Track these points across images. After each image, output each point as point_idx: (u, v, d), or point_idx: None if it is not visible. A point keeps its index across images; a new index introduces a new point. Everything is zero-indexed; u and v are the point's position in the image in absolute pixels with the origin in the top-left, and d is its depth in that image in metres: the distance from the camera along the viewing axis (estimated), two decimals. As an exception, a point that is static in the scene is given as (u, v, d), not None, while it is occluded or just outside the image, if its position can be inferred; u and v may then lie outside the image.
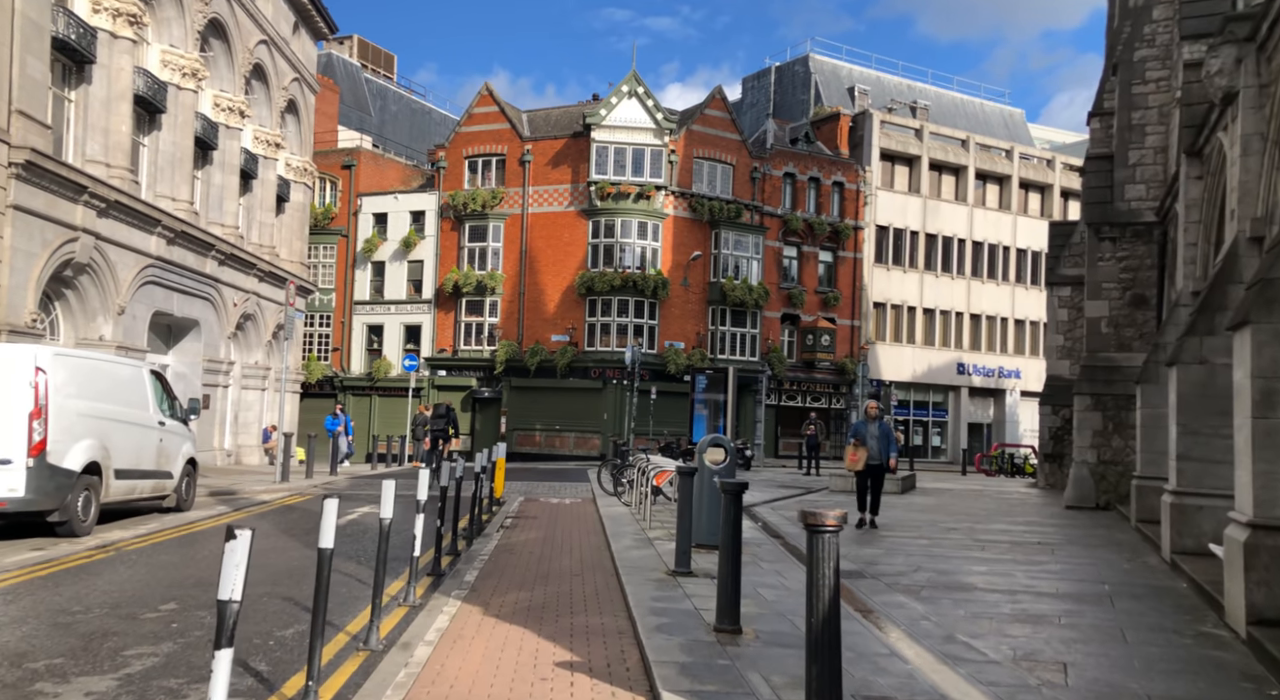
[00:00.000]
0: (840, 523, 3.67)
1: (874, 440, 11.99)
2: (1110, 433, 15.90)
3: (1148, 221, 15.73)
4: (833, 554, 3.65)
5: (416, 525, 6.87)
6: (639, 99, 35.02)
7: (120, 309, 18.72)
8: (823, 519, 3.61)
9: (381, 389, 37.25)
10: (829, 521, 3.61)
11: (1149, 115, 15.68)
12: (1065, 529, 12.66)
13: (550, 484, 19.72)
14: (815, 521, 3.61)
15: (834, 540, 3.67)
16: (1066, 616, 6.66)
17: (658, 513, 13.14)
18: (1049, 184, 45.43)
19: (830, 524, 3.62)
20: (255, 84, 26.33)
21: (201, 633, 5.85)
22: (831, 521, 3.62)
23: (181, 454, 11.75)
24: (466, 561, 8.81)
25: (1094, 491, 15.90)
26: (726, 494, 5.73)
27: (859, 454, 11.96)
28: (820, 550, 3.64)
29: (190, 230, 21.48)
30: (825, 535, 3.64)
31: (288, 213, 29.61)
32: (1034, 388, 44.60)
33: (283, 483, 16.40)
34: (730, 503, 5.76)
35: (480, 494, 11.87)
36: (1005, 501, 18.05)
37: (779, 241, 38.19)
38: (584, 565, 8.76)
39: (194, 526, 10.95)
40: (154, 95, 20.19)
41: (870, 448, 11.97)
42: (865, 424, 12.29)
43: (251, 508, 13.08)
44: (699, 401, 25.54)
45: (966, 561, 9.34)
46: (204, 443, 23.34)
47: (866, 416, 12.44)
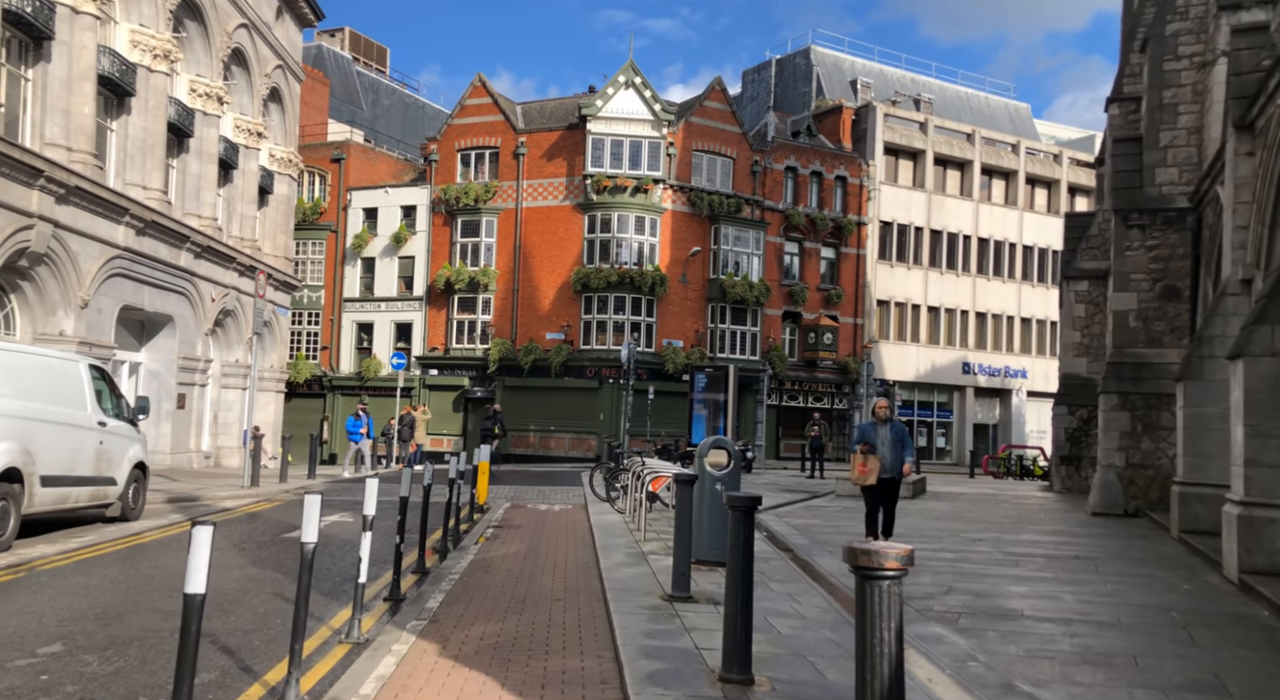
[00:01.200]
0: (905, 564, 2.58)
1: (886, 447, 9.87)
2: (1139, 434, 14.81)
3: (1180, 208, 14.65)
4: (894, 608, 2.57)
5: (363, 544, 5.77)
6: (636, 90, 33.93)
7: (83, 302, 17.61)
8: (880, 561, 2.53)
9: (372, 389, 36.09)
10: (889, 564, 2.53)
11: (1181, 93, 14.61)
12: (1100, 540, 11.57)
13: (540, 488, 18.63)
14: (870, 564, 2.53)
15: (896, 590, 2.59)
16: (1143, 655, 5.57)
17: (653, 521, 12.05)
18: (1056, 179, 44.37)
19: (890, 568, 2.54)
20: (235, 70, 25.23)
21: (75, 689, 4.73)
22: (892, 564, 2.54)
23: (128, 458, 10.65)
24: (434, 582, 7.72)
25: (1122, 497, 14.81)
26: (735, 511, 4.65)
27: (870, 464, 9.78)
28: (877, 603, 2.57)
29: (162, 220, 20.38)
30: (884, 583, 2.56)
31: (271, 205, 28.50)
32: (1041, 388, 43.60)
33: (251, 488, 15.30)
34: (739, 521, 4.67)
35: (455, 501, 10.76)
36: (1024, 507, 16.97)
37: (780, 237, 37.11)
38: (568, 587, 7.66)
39: (137, 539, 9.85)
40: (122, 77, 19.09)
41: (883, 457, 9.83)
42: (874, 427, 10.10)
43: (209, 516, 11.96)
44: (698, 401, 24.47)
45: (1002, 580, 8.25)
46: (180, 444, 22.27)
47: (875, 418, 10.24)
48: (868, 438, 9.99)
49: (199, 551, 3.03)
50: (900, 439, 10.00)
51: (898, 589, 2.60)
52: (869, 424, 10.29)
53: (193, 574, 3.04)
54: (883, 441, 9.94)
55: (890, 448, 9.91)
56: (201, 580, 3.04)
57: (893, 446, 9.93)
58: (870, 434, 10.04)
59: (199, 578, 3.04)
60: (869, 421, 10.40)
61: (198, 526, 3.06)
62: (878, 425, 10.13)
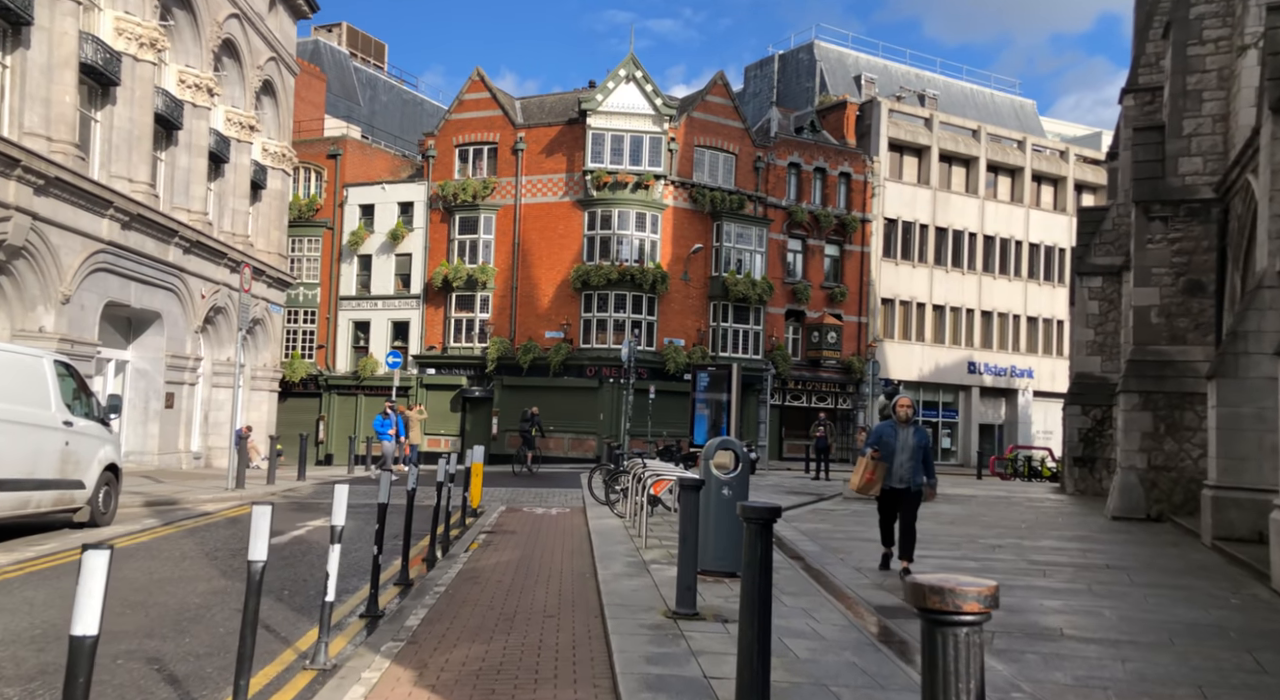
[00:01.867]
0: (988, 607, 1.97)
1: (904, 454, 8.43)
2: (1162, 435, 14.19)
3: (1205, 198, 14.04)
4: (974, 664, 1.96)
5: (330, 558, 5.16)
6: (637, 84, 33.31)
7: (65, 297, 17.01)
8: (956, 602, 1.92)
9: (368, 388, 35.51)
10: (968, 607, 1.92)
11: (1206, 79, 13.98)
12: (1127, 547, 10.95)
13: (538, 490, 18.02)
14: (944, 607, 1.93)
15: (976, 640, 1.98)
16: (1209, 686, 4.96)
17: (655, 526, 11.44)
18: (1062, 176, 43.74)
19: (970, 611, 1.93)
20: (226, 62, 24.63)
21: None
22: (972, 607, 1.93)
23: (97, 459, 10.04)
24: (417, 595, 7.11)
25: (1144, 501, 14.19)
26: (751, 524, 4.05)
27: (878, 471, 8.44)
28: (952, 657, 1.96)
29: (149, 214, 19.78)
30: (961, 631, 1.95)
31: (264, 201, 27.91)
32: (1047, 387, 42.95)
33: (236, 490, 14.68)
34: (756, 535, 4.06)
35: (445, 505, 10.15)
36: (1039, 510, 16.35)
37: (783, 234, 36.48)
38: (562, 601, 7.04)
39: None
40: (106, 65, 18.48)
41: (899, 465, 8.41)
42: (894, 428, 8.53)
43: (186, 521, 11.36)
44: (700, 401, 23.84)
45: (1033, 593, 7.64)
46: (168, 445, 21.67)
47: (895, 418, 8.60)
48: (885, 441, 8.52)
49: (90, 581, 2.40)
50: (922, 446, 8.51)
51: (978, 638, 1.99)
52: (888, 424, 8.68)
53: (81, 611, 2.39)
54: (902, 447, 8.47)
55: (910, 455, 8.45)
56: (93, 620, 2.41)
57: (913, 454, 8.46)
58: (889, 437, 8.53)
59: (89, 617, 2.40)
60: (887, 421, 8.75)
61: (90, 552, 2.44)
62: (898, 427, 8.56)
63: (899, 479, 8.48)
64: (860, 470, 8.67)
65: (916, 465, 8.50)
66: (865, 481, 8.64)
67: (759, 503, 4.08)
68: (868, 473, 8.55)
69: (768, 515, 4.07)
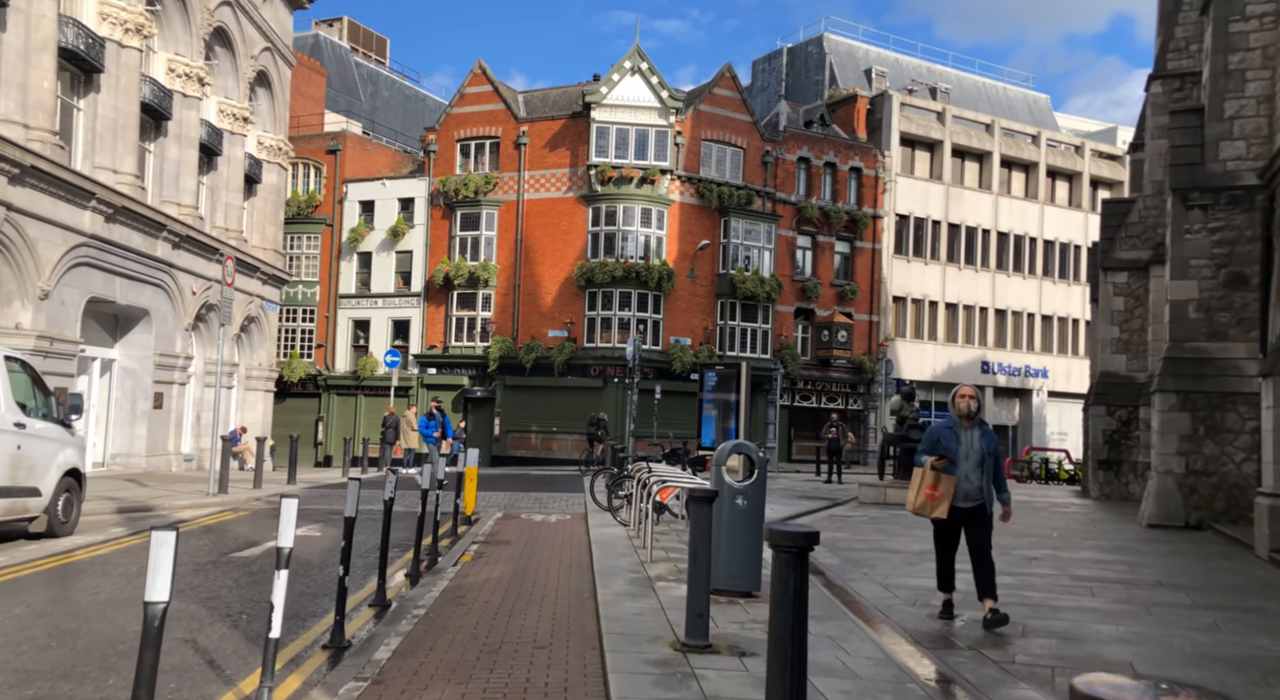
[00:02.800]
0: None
1: (969, 462, 6.55)
2: (1201, 437, 13.32)
3: (1248, 185, 13.16)
4: None
5: (275, 588, 4.34)
6: (642, 76, 32.49)
7: (43, 293, 16.26)
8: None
9: (368, 388, 34.79)
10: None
11: (1250, 58, 13.10)
12: (1174, 559, 10.09)
13: (538, 495, 17.21)
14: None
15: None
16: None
17: (661, 536, 10.63)
18: (1078, 171, 42.80)
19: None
20: (219, 51, 23.90)
21: None
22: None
23: (56, 464, 9.26)
24: (393, 619, 6.29)
25: (1182, 508, 13.32)
26: (783, 552, 3.23)
27: (942, 486, 6.50)
28: None
29: (135, 207, 19.03)
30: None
31: (259, 195, 27.19)
32: (1062, 388, 42.01)
33: (218, 496, 13.90)
34: (789, 567, 3.24)
35: (435, 513, 9.36)
36: (1067, 517, 15.48)
37: (792, 230, 35.63)
38: (556, 627, 6.22)
39: (61, 559, 8.46)
40: (88, 50, 17.74)
41: (963, 477, 6.53)
42: (953, 430, 6.70)
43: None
44: (708, 401, 22.98)
45: (1085, 617, 6.79)
46: (157, 447, 20.93)
47: (957, 414, 6.73)
48: (944, 445, 6.62)
49: None
50: (992, 455, 6.66)
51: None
52: (944, 425, 6.82)
53: None
54: (966, 453, 6.58)
55: (977, 465, 6.56)
56: None
57: (980, 463, 6.57)
58: (948, 440, 6.64)
59: None
60: (944, 421, 6.90)
61: None
62: (959, 427, 6.69)
63: (963, 495, 6.55)
64: (917, 484, 6.65)
65: (986, 477, 6.63)
66: (925, 499, 6.55)
67: (792, 526, 3.25)
68: (927, 487, 6.55)
69: (803, 542, 3.24)
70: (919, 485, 6.68)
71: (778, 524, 3.41)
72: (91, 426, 19.90)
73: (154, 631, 3.05)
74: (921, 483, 6.65)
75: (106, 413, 20.41)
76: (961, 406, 6.77)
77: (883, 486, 17.25)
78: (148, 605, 3.10)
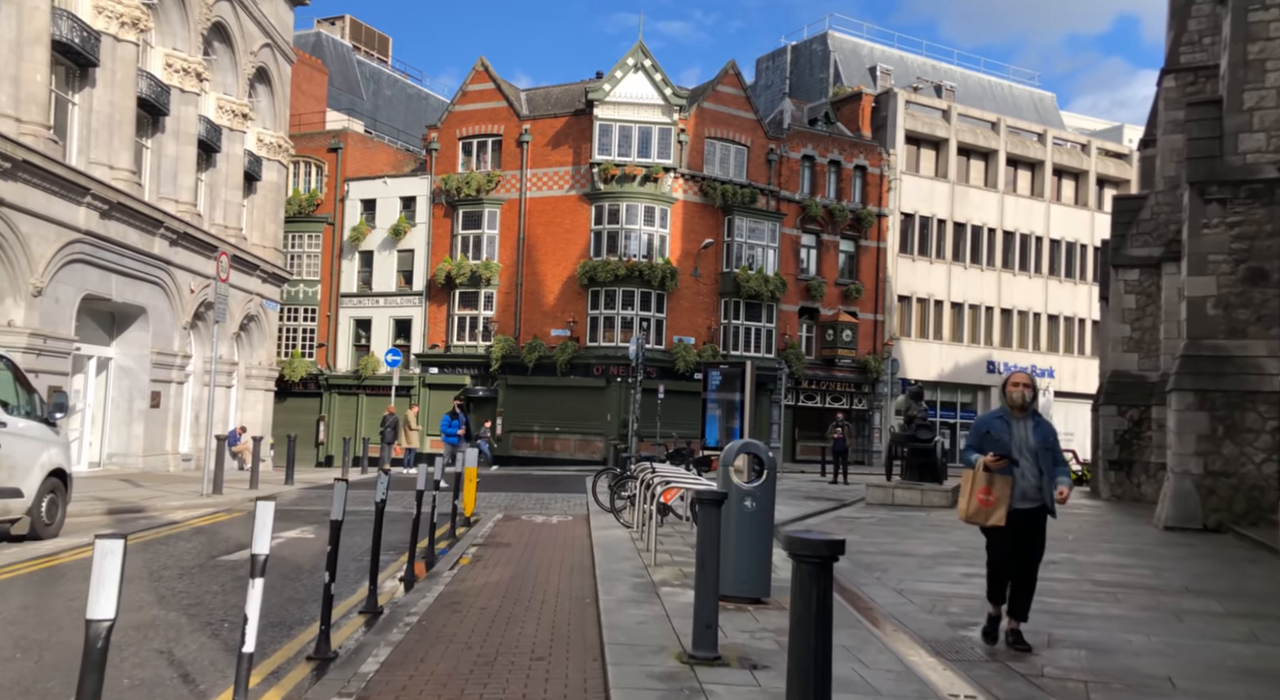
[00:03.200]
0: None
1: (1025, 459, 5.62)
2: (1220, 438, 12.97)
3: (1269, 178, 12.82)
4: None
5: (249, 599, 4.03)
6: (646, 73, 32.17)
7: (36, 290, 15.98)
8: None
9: (370, 388, 34.49)
10: None
11: (1271, 47, 12.77)
12: (1196, 563, 9.76)
13: (540, 495, 16.90)
14: None
15: None
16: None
17: (666, 538, 10.31)
18: (1084, 170, 42.42)
19: None
20: (218, 46, 23.63)
21: None
22: None
23: (39, 464, 8.96)
24: (384, 627, 5.98)
25: (1200, 509, 12.97)
26: (804, 562, 2.92)
27: (997, 489, 5.56)
28: None
29: (132, 203, 18.76)
30: None
31: (259, 193, 26.92)
32: (1069, 387, 41.61)
33: (212, 496, 13.60)
34: (811, 578, 2.93)
35: (431, 515, 9.06)
36: (1079, 518, 15.14)
37: (797, 229, 35.29)
38: (555, 636, 5.91)
39: (43, 563, 8.16)
40: (83, 44, 17.47)
41: (1018, 476, 5.59)
42: (1005, 421, 5.74)
43: (146, 532, 10.27)
44: (711, 401, 22.66)
45: (1112, 625, 6.47)
46: (154, 446, 20.66)
47: (1009, 404, 5.80)
48: (994, 437, 5.65)
49: None
50: (1048, 446, 5.64)
51: None
52: (993, 415, 5.84)
53: None
54: (1020, 447, 5.63)
55: (1034, 461, 5.61)
56: None
57: (1037, 459, 5.61)
58: (1000, 433, 5.67)
59: None
60: (994, 411, 5.92)
61: None
62: (1012, 418, 5.74)
63: (1020, 494, 5.59)
64: (968, 488, 5.68)
65: (1046, 474, 5.61)
66: (979, 505, 5.59)
67: (815, 534, 2.94)
68: (980, 491, 5.57)
69: (826, 551, 2.93)
70: (970, 489, 5.65)
71: (798, 531, 3.09)
72: (88, 426, 19.64)
73: (97, 654, 2.73)
74: (974, 486, 5.60)
75: (103, 412, 20.14)
76: (1015, 396, 5.71)
77: (890, 487, 16.92)
78: (90, 623, 2.77)
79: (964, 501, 5.77)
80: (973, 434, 5.92)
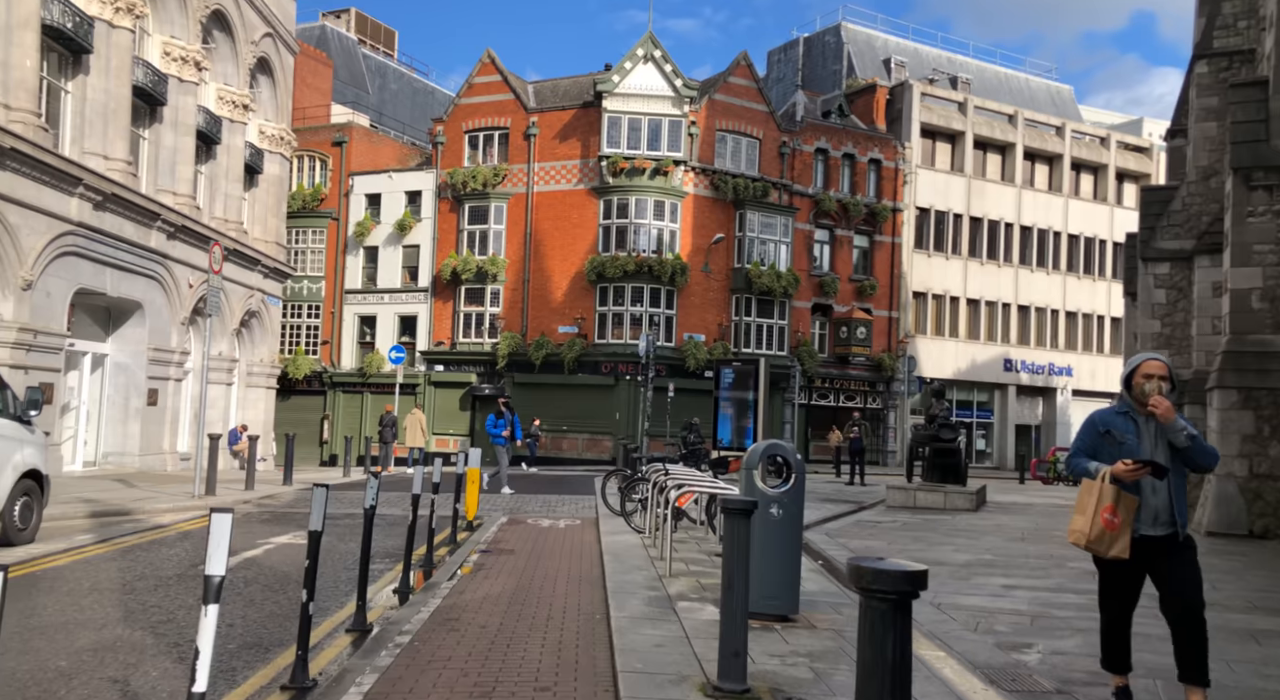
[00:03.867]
0: None
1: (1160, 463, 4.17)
2: (1267, 438, 12.26)
3: (1319, 163, 12.08)
4: None
5: (202, 631, 3.40)
6: (656, 64, 31.51)
7: (26, 283, 15.43)
8: None
9: (374, 385, 33.96)
10: None
11: (1321, 24, 12.03)
12: (1252, 575, 9.06)
13: (546, 497, 16.28)
14: None
15: None
16: None
17: (680, 544, 9.68)
18: (1103, 164, 41.58)
19: None
20: (217, 35, 23.07)
21: None
22: None
23: (12, 465, 8.38)
24: (371, 649, 5.36)
25: (1245, 514, 12.26)
26: (876, 600, 2.28)
27: (1123, 510, 4.17)
28: None
29: (127, 195, 18.20)
30: None
31: (261, 186, 26.37)
32: (1087, 386, 40.78)
33: (203, 498, 13.01)
34: (885, 622, 2.29)
35: (430, 521, 8.44)
36: (1112, 523, 14.38)
37: (810, 224, 34.58)
38: (562, 660, 5.27)
39: (15, 571, 7.56)
40: (76, 30, 16.92)
41: (1153, 490, 4.23)
42: (1129, 419, 4.36)
43: (129, 537, 9.68)
44: (724, 399, 22.01)
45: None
46: (151, 445, 20.11)
47: (1134, 403, 4.34)
48: (1122, 442, 4.31)
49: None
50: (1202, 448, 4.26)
51: None
52: (1114, 412, 4.45)
53: None
54: (1149, 454, 4.24)
55: (1173, 472, 4.22)
56: None
57: (1176, 472, 4.24)
58: (1126, 434, 4.32)
59: None
60: (1112, 407, 4.56)
61: None
62: (1136, 415, 4.34)
63: (1151, 518, 4.22)
64: (1091, 506, 4.20)
65: (1178, 489, 4.24)
66: (1104, 528, 4.16)
67: (891, 564, 2.29)
68: (1105, 511, 4.16)
69: (905, 585, 2.29)
70: (1093, 507, 4.18)
71: (867, 559, 2.45)
72: (82, 424, 19.12)
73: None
74: (1098, 504, 4.18)
75: (99, 410, 19.61)
76: (1149, 389, 4.27)
77: (912, 489, 16.23)
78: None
79: (1083, 521, 4.24)
80: (1085, 434, 4.50)
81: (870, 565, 2.33)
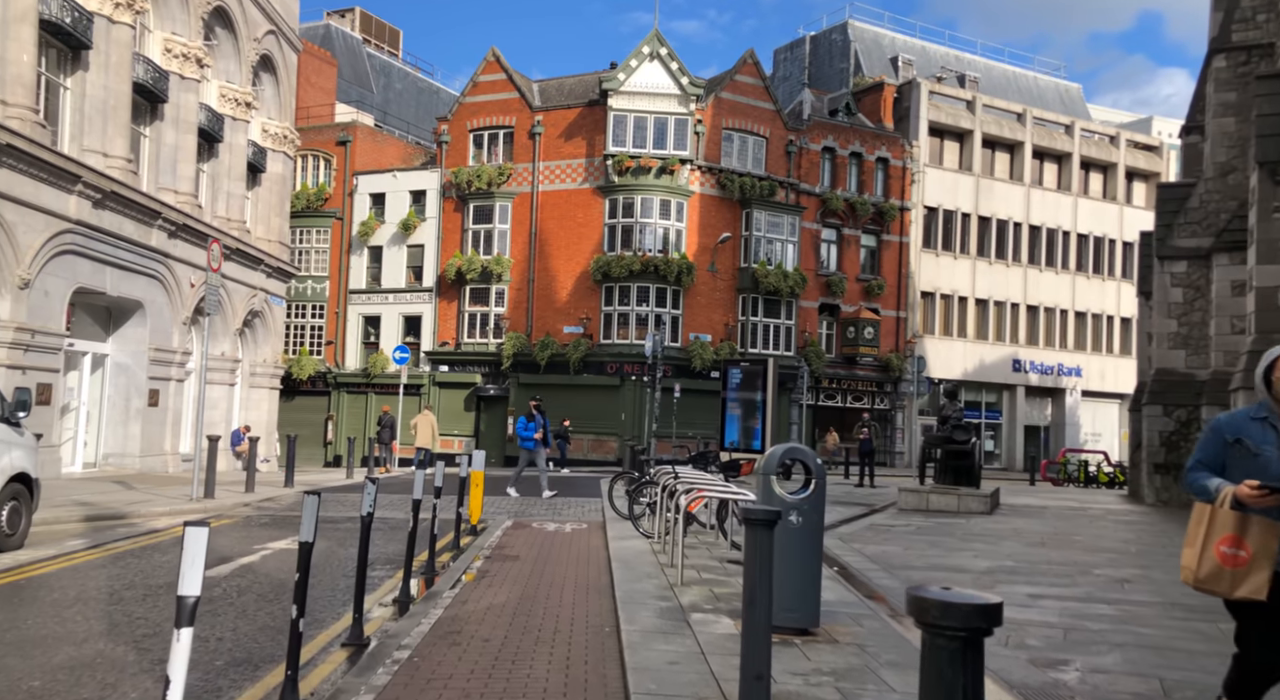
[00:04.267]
0: None
1: None
2: (1293, 440, 11.87)
3: (1347, 157, 11.73)
4: None
5: (173, 656, 3.10)
6: (662, 62, 31.21)
7: (23, 282, 15.17)
8: None
9: (379, 386, 33.69)
10: None
11: (1350, 14, 11.67)
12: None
13: (552, 499, 15.95)
14: None
15: None
16: None
17: (690, 550, 9.36)
18: (1112, 163, 41.17)
19: None
20: (220, 32, 22.81)
21: None
22: None
23: (0, 469, 8.11)
24: (368, 665, 5.05)
25: None
26: (944, 638, 1.97)
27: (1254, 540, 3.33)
28: None
29: (126, 192, 17.94)
30: None
31: (264, 185, 26.11)
32: (1096, 387, 40.40)
33: (202, 501, 12.74)
34: (954, 663, 1.98)
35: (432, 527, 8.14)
36: (1132, 526, 14.11)
37: (817, 223, 34.25)
38: (570, 680, 4.96)
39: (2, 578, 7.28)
40: (75, 25, 16.67)
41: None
42: (1267, 425, 3.50)
43: (122, 543, 9.40)
44: (731, 400, 21.69)
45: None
46: (152, 446, 19.85)
47: (1276, 403, 3.51)
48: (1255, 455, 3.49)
49: None
50: None
51: None
52: (1249, 416, 3.60)
53: None
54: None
55: None
56: None
57: None
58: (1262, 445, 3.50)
59: None
60: (1244, 409, 3.67)
61: None
62: (1268, 422, 3.53)
63: None
64: (1200, 534, 3.48)
65: None
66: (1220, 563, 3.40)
67: (960, 595, 1.97)
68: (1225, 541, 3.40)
69: (979, 621, 1.97)
70: (1204, 536, 3.43)
71: (933, 591, 2.13)
72: (82, 425, 18.87)
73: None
74: (1212, 532, 3.41)
75: (99, 410, 19.35)
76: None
77: (925, 492, 15.89)
78: None
79: (1191, 555, 3.47)
80: (1208, 443, 3.66)
81: (936, 597, 2.01)
